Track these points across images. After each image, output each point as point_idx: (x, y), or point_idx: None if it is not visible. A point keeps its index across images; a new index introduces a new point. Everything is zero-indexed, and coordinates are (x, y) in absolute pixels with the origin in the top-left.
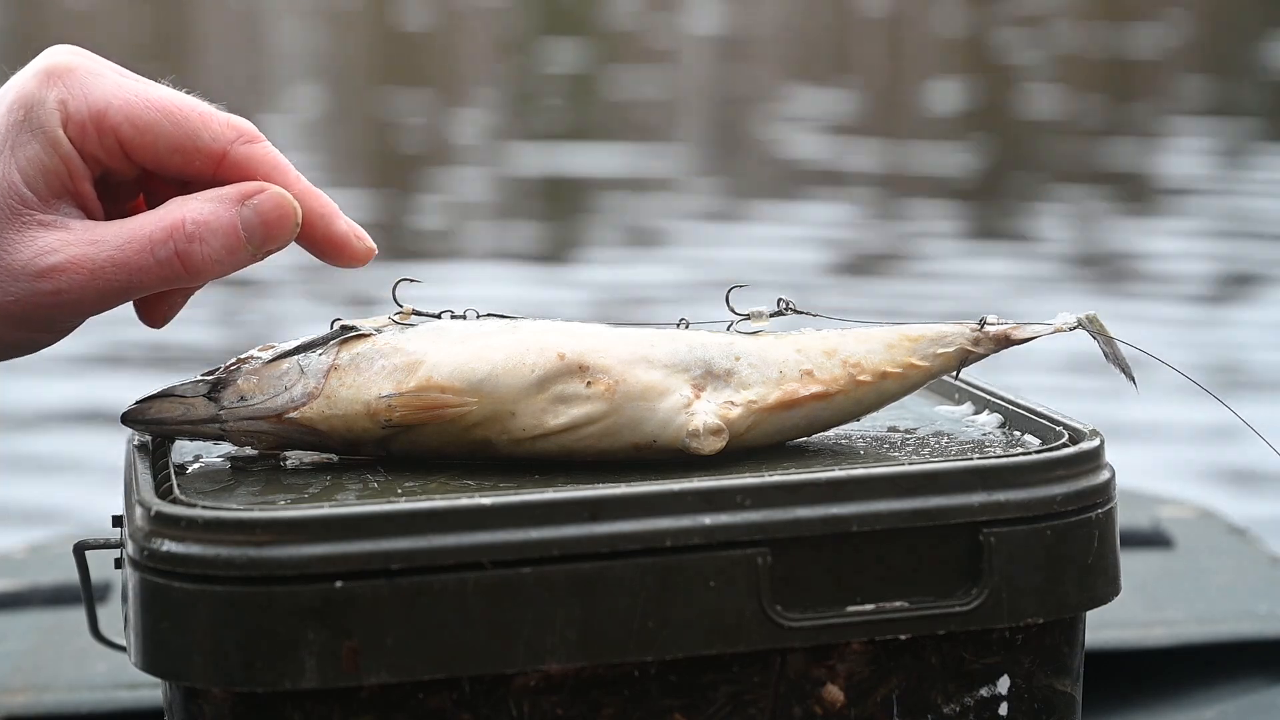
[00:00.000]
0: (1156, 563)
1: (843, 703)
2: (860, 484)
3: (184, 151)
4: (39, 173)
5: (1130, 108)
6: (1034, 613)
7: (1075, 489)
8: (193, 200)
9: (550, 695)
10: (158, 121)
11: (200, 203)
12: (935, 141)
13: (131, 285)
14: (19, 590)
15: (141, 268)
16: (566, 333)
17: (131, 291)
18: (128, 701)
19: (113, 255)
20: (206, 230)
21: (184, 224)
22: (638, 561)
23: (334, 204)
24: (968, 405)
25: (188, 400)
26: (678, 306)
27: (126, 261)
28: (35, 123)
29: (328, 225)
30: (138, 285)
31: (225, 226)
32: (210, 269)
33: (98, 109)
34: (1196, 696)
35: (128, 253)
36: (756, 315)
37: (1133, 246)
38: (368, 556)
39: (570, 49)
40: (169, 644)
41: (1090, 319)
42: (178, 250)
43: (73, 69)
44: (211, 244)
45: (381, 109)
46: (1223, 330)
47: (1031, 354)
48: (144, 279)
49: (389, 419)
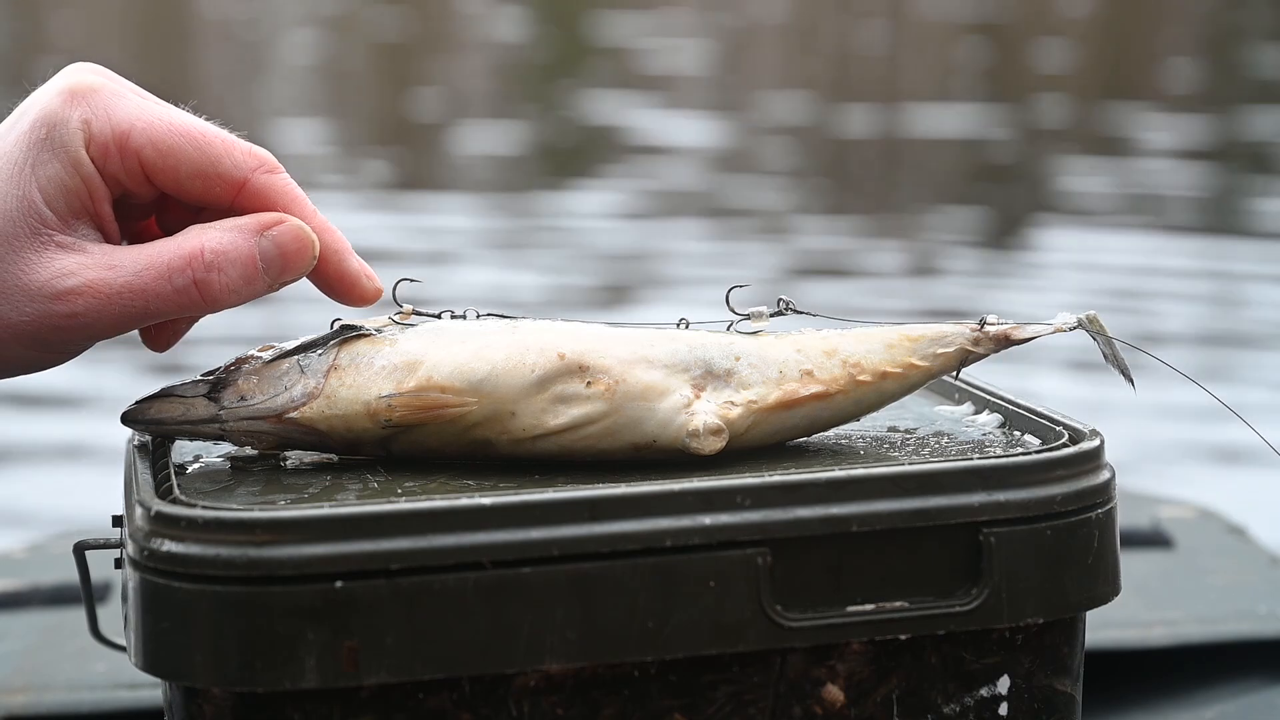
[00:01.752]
0: (1156, 563)
1: (843, 703)
2: (860, 484)
3: (205, 177)
4: (59, 192)
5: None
6: (1034, 613)
7: (1075, 489)
8: (211, 229)
9: (550, 695)
10: (180, 146)
11: (219, 232)
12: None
13: (148, 311)
14: (19, 590)
15: (158, 295)
16: (566, 333)
17: (147, 318)
18: (128, 701)
19: (130, 281)
20: (225, 260)
21: (203, 253)
22: (638, 561)
23: (347, 241)
24: (968, 405)
25: (188, 400)
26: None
27: (144, 288)
28: (58, 142)
29: (340, 262)
30: (154, 312)
31: (244, 257)
32: (226, 298)
33: (121, 130)
34: (1196, 696)
35: (145, 279)
36: (756, 315)
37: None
38: (368, 556)
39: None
40: (169, 644)
41: (1090, 319)
42: (195, 279)
43: (96, 89)
44: (229, 274)
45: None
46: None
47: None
48: (160, 306)
49: (389, 419)
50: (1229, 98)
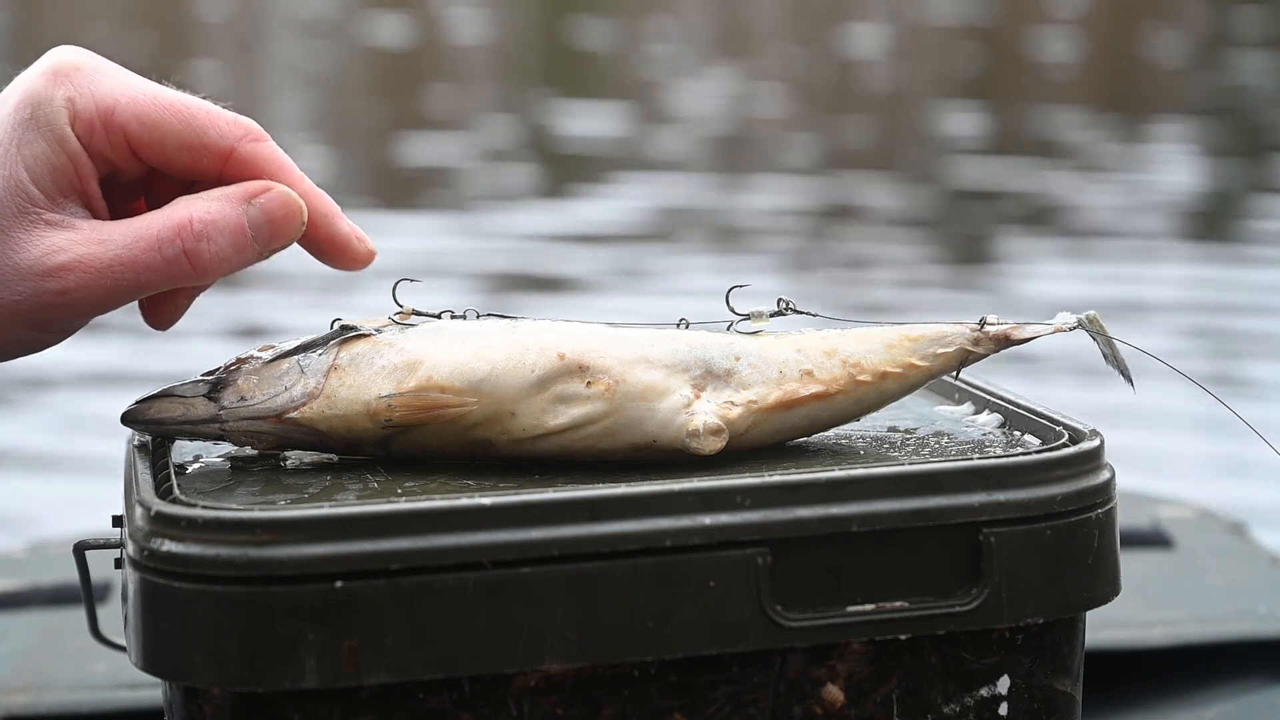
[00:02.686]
0: (1156, 563)
1: (843, 703)
2: (860, 484)
3: (191, 149)
4: (46, 171)
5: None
6: (1034, 613)
7: (1075, 489)
8: (199, 199)
9: (550, 695)
10: (165, 119)
11: (207, 202)
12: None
13: (139, 284)
14: (19, 590)
15: (149, 266)
16: (566, 333)
17: (139, 290)
18: (128, 701)
19: (120, 254)
20: (214, 229)
21: (191, 223)
22: (637, 561)
23: (336, 205)
24: (968, 405)
25: (188, 400)
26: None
27: (134, 260)
28: (43, 121)
29: (330, 226)
30: (145, 284)
31: (232, 225)
32: (217, 267)
33: (106, 107)
34: (1196, 696)
35: (135, 251)
36: (756, 315)
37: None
38: (368, 556)
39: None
40: (169, 644)
41: (1090, 319)
42: (185, 249)
43: (80, 67)
44: (219, 242)
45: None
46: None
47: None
48: (152, 278)
49: (389, 419)
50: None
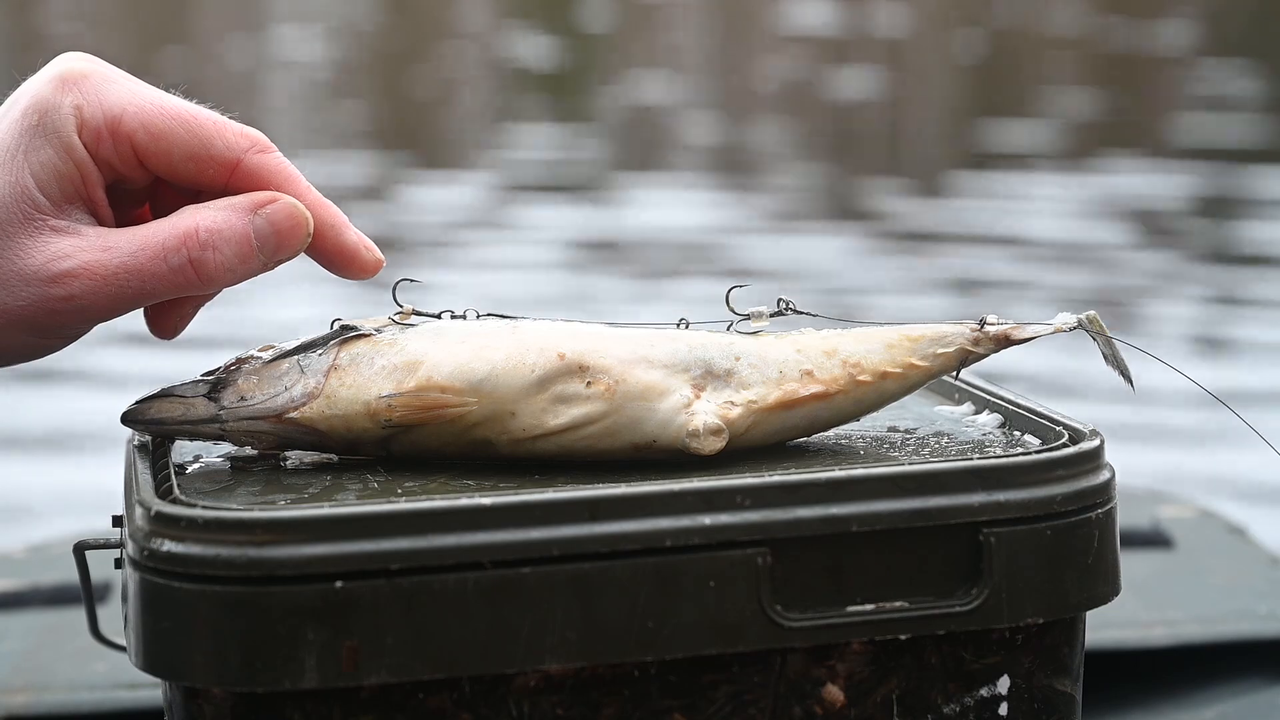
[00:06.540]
0: (1156, 563)
1: (843, 703)
2: (860, 484)
3: (197, 159)
4: (52, 178)
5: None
6: (1034, 613)
7: (1075, 489)
8: (206, 208)
9: (550, 695)
10: (172, 129)
11: (213, 211)
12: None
13: (144, 292)
14: (19, 590)
15: (154, 274)
16: (566, 333)
17: (144, 298)
18: (128, 701)
19: (125, 261)
20: (219, 238)
21: (197, 231)
22: (637, 561)
23: (344, 215)
24: (968, 405)
25: (188, 400)
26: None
27: (139, 268)
28: (50, 128)
29: (337, 236)
30: (150, 292)
31: (238, 235)
32: (222, 277)
33: (113, 115)
34: (1196, 696)
35: (140, 259)
36: (756, 315)
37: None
38: (368, 556)
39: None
40: (169, 644)
41: (1090, 319)
42: (191, 258)
43: (87, 75)
44: (224, 252)
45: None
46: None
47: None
48: (156, 286)
49: (389, 419)
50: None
